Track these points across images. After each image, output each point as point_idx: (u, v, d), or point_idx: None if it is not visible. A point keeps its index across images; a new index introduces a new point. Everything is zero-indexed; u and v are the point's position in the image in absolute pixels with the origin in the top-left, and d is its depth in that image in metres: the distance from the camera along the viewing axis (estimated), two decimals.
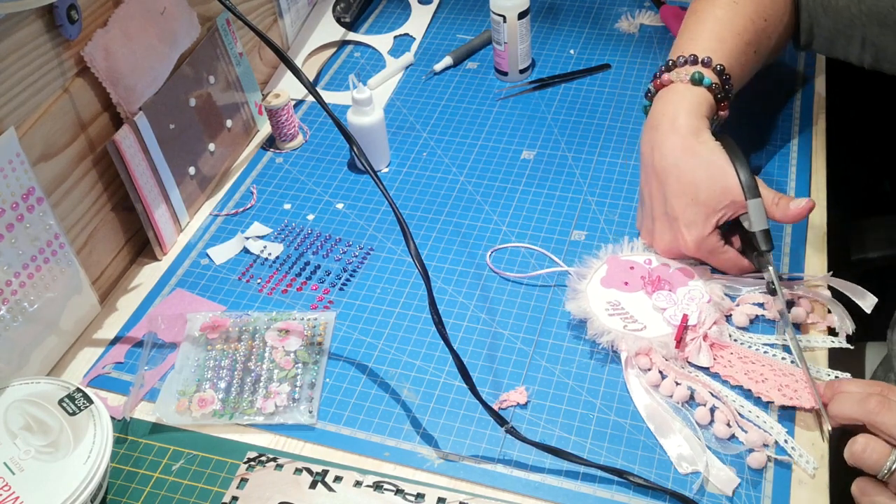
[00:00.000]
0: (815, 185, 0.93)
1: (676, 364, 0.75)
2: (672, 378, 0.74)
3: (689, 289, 0.80)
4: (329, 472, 0.71)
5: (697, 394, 0.73)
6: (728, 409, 0.72)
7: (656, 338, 0.76)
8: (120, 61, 0.84)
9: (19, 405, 0.71)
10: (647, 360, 0.76)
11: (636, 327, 0.78)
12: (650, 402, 0.73)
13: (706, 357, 0.75)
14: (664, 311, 0.78)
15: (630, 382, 0.75)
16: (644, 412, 0.73)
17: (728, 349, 0.76)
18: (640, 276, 0.82)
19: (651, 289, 0.81)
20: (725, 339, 0.77)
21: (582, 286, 0.81)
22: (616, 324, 0.78)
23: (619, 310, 0.79)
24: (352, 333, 0.83)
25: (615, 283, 0.82)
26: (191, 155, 0.96)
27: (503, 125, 1.06)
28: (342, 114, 0.98)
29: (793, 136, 0.98)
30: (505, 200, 0.95)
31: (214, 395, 0.77)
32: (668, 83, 0.83)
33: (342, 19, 1.24)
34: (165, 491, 0.71)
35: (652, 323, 0.78)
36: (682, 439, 0.70)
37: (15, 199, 0.75)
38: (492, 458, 0.71)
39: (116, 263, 0.91)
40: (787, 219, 0.77)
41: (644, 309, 0.79)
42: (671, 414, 0.72)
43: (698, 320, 0.77)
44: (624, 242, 0.86)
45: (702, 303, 0.79)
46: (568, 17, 1.23)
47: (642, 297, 0.80)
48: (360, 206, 0.97)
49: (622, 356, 0.76)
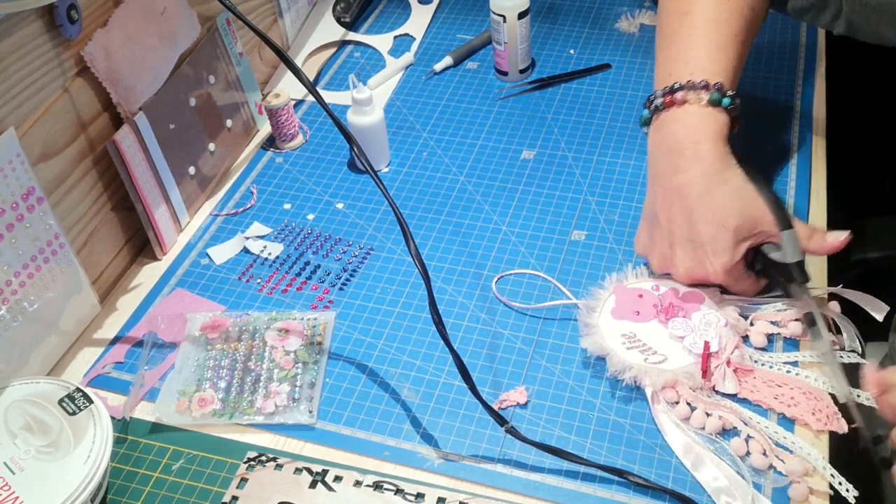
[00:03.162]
0: (815, 185, 0.93)
1: (703, 394, 0.73)
2: (702, 409, 0.72)
3: (703, 313, 0.77)
4: (329, 471, 0.71)
5: (728, 422, 0.71)
6: (762, 437, 0.69)
7: (681, 369, 0.74)
8: (120, 61, 0.84)
9: (19, 405, 0.71)
10: (673, 394, 0.73)
11: (657, 359, 0.75)
12: (684, 437, 0.70)
13: (732, 383, 0.73)
14: (683, 340, 0.76)
15: (659, 419, 0.72)
16: (679, 449, 0.70)
17: (752, 374, 0.74)
18: (651, 304, 0.79)
19: (665, 317, 0.78)
20: (748, 362, 0.75)
21: (594, 320, 0.78)
22: (636, 357, 0.75)
23: (636, 342, 0.76)
24: (352, 333, 0.83)
25: (627, 314, 0.79)
26: (191, 155, 0.96)
27: (503, 125, 1.06)
28: (342, 114, 0.98)
29: (793, 137, 0.98)
30: (505, 200, 0.95)
31: (214, 395, 0.77)
32: (682, 102, 0.79)
33: (342, 19, 1.24)
34: (165, 491, 0.71)
35: (672, 353, 0.75)
36: (720, 473, 0.68)
37: (15, 199, 0.75)
38: (492, 458, 0.71)
39: (116, 263, 0.91)
40: (822, 251, 0.77)
41: (661, 338, 0.76)
42: (705, 447, 0.69)
43: (719, 346, 0.75)
44: (628, 269, 0.83)
45: (719, 327, 0.76)
46: (568, 17, 1.23)
47: (657, 327, 0.77)
48: (360, 206, 0.97)
49: (647, 391, 0.74)
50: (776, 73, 1.07)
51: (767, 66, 1.09)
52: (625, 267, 0.84)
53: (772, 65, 1.09)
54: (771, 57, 1.10)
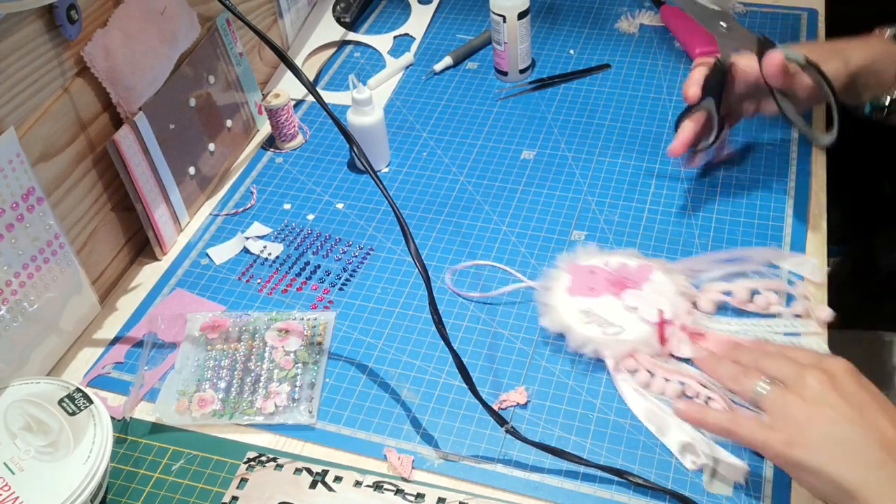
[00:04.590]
0: (814, 185, 0.93)
1: (662, 360, 0.76)
2: (661, 375, 0.75)
3: (653, 283, 0.81)
4: (329, 472, 0.71)
5: (688, 387, 0.74)
6: (720, 396, 0.72)
7: (638, 338, 0.77)
8: (120, 61, 0.84)
9: (19, 405, 0.71)
10: (633, 363, 0.76)
11: (615, 331, 0.77)
12: (645, 403, 0.73)
13: (687, 348, 0.76)
14: (637, 310, 0.79)
15: (621, 388, 0.75)
16: (642, 415, 0.73)
17: (704, 337, 0.77)
18: (603, 278, 0.82)
19: (618, 290, 0.81)
20: (700, 326, 0.78)
21: (550, 299, 0.81)
22: (594, 331, 0.78)
23: (593, 317, 0.79)
24: (352, 333, 0.83)
25: (582, 291, 0.81)
26: (191, 155, 0.96)
27: (503, 125, 1.06)
28: (342, 114, 0.98)
29: (793, 138, 0.98)
30: (505, 200, 0.95)
31: (214, 395, 0.77)
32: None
33: (342, 19, 1.24)
34: (165, 491, 0.71)
35: (628, 324, 0.78)
36: (684, 435, 0.70)
37: (15, 199, 0.75)
38: (492, 458, 0.71)
39: (116, 263, 0.91)
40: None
41: (616, 311, 0.79)
42: (668, 412, 0.72)
43: (673, 313, 0.78)
44: (578, 248, 0.86)
45: (671, 295, 0.79)
46: (568, 17, 1.23)
47: (611, 300, 0.80)
48: (360, 206, 0.97)
49: (608, 363, 0.76)
50: None
51: None
52: (574, 245, 0.87)
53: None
54: None
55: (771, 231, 0.88)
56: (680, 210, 0.91)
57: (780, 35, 1.14)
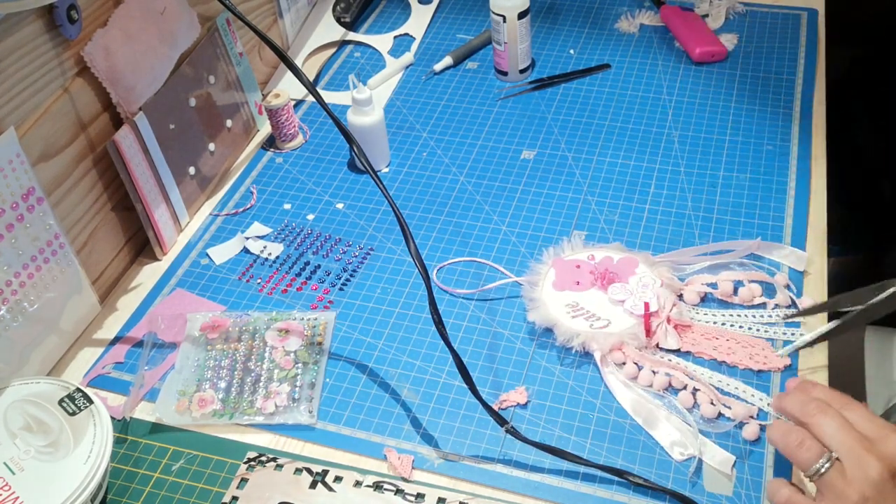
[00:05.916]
0: (815, 185, 0.93)
1: (649, 353, 0.77)
2: (648, 367, 0.75)
3: (639, 276, 0.82)
4: (329, 472, 0.71)
5: (675, 378, 0.74)
6: (707, 387, 0.73)
7: (625, 331, 0.77)
8: (120, 61, 0.84)
9: (19, 405, 0.71)
10: (620, 355, 0.77)
11: (602, 324, 0.78)
12: (633, 395, 0.74)
13: (674, 339, 0.77)
14: (623, 303, 0.79)
15: (608, 381, 0.75)
16: (629, 407, 0.73)
17: (690, 329, 0.78)
18: (588, 272, 0.83)
19: (604, 283, 0.81)
20: (686, 318, 0.79)
21: (537, 294, 0.82)
22: (581, 325, 0.78)
23: (579, 310, 0.80)
24: (352, 333, 0.83)
25: (567, 285, 0.82)
26: (191, 155, 0.96)
27: (503, 125, 1.06)
28: (342, 114, 0.98)
29: (793, 138, 0.98)
30: (505, 200, 0.95)
31: (214, 395, 0.77)
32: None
33: (342, 19, 1.24)
34: (165, 491, 0.71)
35: (614, 317, 0.79)
36: (672, 427, 0.71)
37: (15, 199, 0.75)
38: (492, 458, 0.71)
39: (116, 263, 0.91)
40: None
41: (602, 304, 0.80)
42: (655, 404, 0.73)
43: (658, 305, 0.78)
44: (563, 242, 0.86)
45: (656, 287, 0.80)
46: (568, 17, 1.23)
47: (597, 294, 0.81)
48: (360, 206, 0.97)
49: (596, 356, 0.77)
50: (776, 74, 1.08)
51: (767, 67, 1.09)
52: (561, 241, 0.87)
53: (772, 65, 1.09)
54: (771, 57, 1.10)
55: (771, 231, 0.88)
56: (680, 210, 0.91)
57: (780, 35, 1.14)
